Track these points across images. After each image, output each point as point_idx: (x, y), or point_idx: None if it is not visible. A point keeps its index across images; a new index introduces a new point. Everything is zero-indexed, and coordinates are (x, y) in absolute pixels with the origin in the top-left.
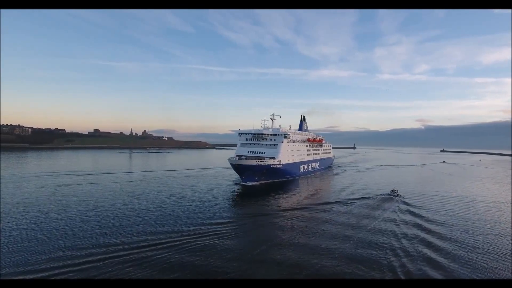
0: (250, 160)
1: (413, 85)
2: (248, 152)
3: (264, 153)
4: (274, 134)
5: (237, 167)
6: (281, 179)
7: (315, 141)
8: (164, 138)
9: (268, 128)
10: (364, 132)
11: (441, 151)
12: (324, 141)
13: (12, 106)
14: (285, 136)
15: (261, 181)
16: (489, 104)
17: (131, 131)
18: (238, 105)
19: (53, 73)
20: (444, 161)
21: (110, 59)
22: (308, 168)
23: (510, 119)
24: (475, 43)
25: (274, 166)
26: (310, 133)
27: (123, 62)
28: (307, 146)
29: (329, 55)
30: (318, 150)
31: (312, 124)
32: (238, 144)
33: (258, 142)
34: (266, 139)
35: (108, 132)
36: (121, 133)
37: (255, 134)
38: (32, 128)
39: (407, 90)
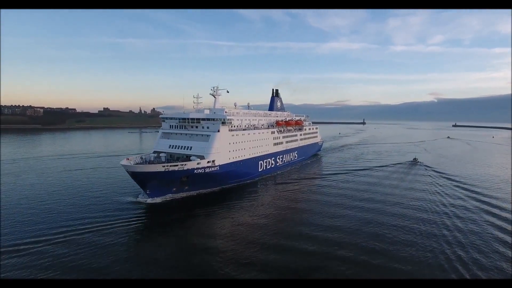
0: (156, 163)
1: (428, 57)
2: (170, 146)
3: (191, 148)
4: (208, 119)
5: (133, 176)
6: (223, 185)
7: (288, 124)
8: None
9: (202, 110)
10: (375, 106)
11: (453, 125)
12: (306, 122)
13: (20, 86)
14: (224, 121)
15: (183, 192)
16: (506, 76)
17: (140, 109)
18: (247, 81)
19: (62, 52)
20: (448, 137)
21: (119, 35)
22: (276, 162)
23: None
24: (493, 11)
25: (200, 171)
26: (286, 113)
27: (131, 39)
28: (273, 132)
29: (340, 27)
30: (295, 135)
31: (319, 99)
32: (159, 135)
33: (185, 132)
34: (197, 127)
35: (118, 111)
36: (130, 111)
37: (180, 119)
38: (43, 108)
39: (420, 62)
